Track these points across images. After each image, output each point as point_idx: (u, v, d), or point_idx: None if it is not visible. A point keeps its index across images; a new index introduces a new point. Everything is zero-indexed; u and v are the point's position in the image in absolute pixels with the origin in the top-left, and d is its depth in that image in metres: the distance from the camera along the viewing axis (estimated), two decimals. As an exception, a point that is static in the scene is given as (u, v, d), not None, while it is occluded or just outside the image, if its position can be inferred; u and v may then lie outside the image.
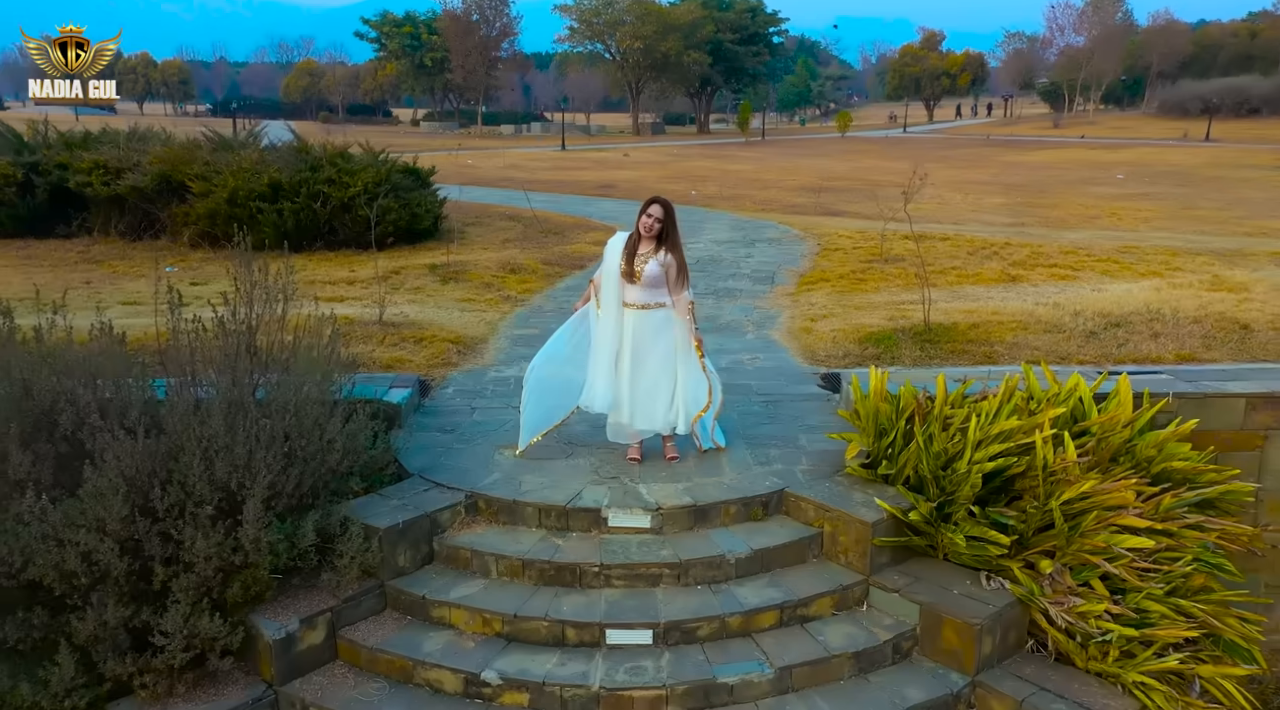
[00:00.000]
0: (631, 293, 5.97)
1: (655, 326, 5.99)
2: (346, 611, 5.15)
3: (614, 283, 5.99)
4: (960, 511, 5.33)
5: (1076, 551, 5.25)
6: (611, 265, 5.99)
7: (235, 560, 4.77)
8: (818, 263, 13.68)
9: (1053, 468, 5.40)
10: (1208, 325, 9.32)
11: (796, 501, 5.74)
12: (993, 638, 5.05)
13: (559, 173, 31.57)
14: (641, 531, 5.54)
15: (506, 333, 9.82)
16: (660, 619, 4.99)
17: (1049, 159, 40.67)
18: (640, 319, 5.98)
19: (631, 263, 5.91)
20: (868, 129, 77.49)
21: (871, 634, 5.13)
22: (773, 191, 25.45)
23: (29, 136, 16.60)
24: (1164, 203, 22.70)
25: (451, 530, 5.59)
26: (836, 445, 6.47)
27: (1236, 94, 64.58)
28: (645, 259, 5.90)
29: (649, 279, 5.90)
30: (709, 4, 72.91)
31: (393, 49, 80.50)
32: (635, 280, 5.92)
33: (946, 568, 5.49)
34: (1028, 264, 13.05)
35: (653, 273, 5.90)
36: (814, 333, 9.58)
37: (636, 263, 5.90)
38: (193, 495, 4.76)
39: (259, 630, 4.90)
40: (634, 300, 5.98)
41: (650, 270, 5.89)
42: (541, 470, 6.10)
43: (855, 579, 5.38)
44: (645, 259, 5.90)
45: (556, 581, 5.29)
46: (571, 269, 13.31)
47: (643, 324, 5.98)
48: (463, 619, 5.14)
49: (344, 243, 14.00)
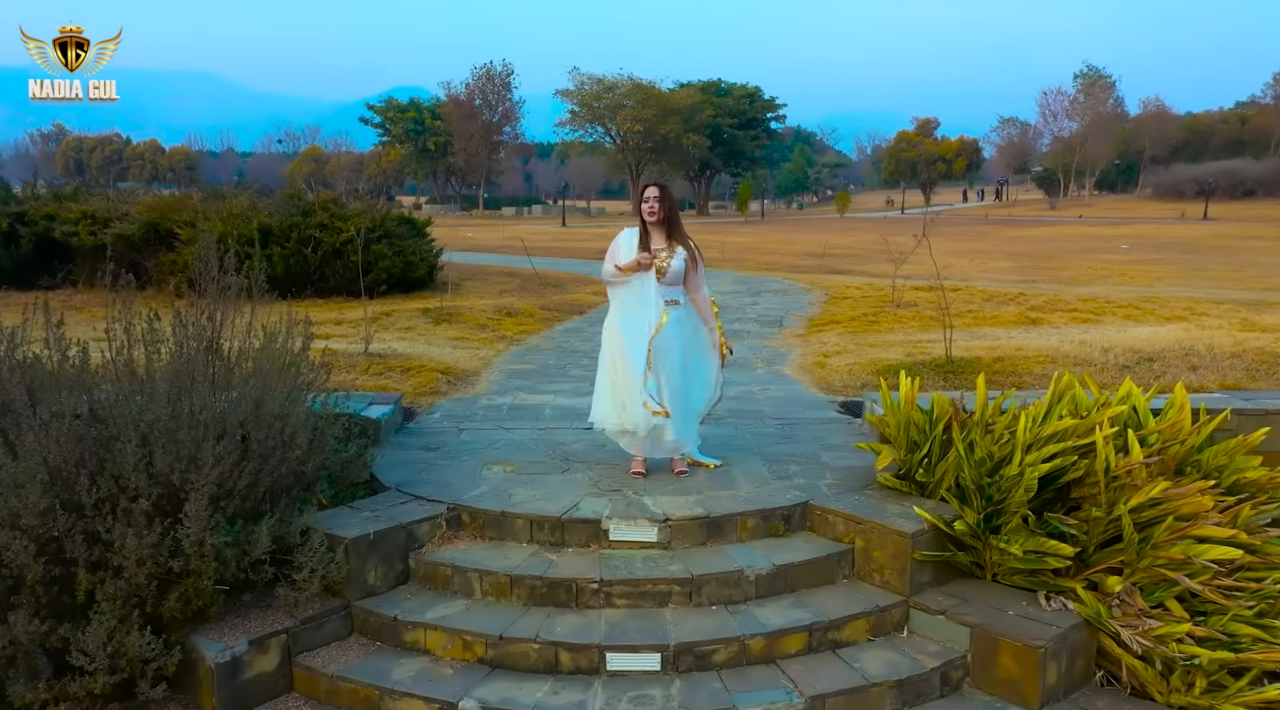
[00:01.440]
0: None
1: (676, 323, 5.41)
2: (305, 634, 4.43)
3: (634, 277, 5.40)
4: (1013, 520, 4.65)
5: (1149, 566, 4.55)
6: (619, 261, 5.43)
7: (174, 566, 4.08)
8: (826, 309, 13.15)
9: (1116, 472, 4.74)
10: (1248, 359, 8.73)
11: (822, 514, 5.06)
12: (1058, 665, 4.32)
13: (560, 242, 31.38)
14: (647, 546, 4.85)
15: (501, 367, 9.22)
16: (670, 640, 4.26)
17: (1050, 234, 40.57)
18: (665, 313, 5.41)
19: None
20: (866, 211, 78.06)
21: (915, 661, 4.39)
22: (775, 256, 25.14)
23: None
24: (1173, 266, 22.31)
25: (430, 545, 4.89)
26: (863, 461, 5.83)
27: (1231, 176, 65.17)
28: (666, 254, 5.36)
29: (673, 275, 5.37)
30: (708, 89, 74.30)
31: (396, 133, 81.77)
32: (660, 277, 5.37)
33: (996, 589, 4.78)
34: (1046, 309, 12.52)
35: (677, 268, 5.37)
36: (828, 367, 8.98)
37: (659, 258, 5.36)
38: (127, 489, 4.09)
39: (200, 652, 4.17)
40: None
41: (675, 266, 5.36)
42: (534, 483, 5.43)
43: (893, 600, 4.67)
44: (666, 254, 5.36)
45: (549, 600, 4.57)
46: (571, 314, 12.78)
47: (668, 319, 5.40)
48: (440, 643, 4.42)
49: (335, 290, 13.50)
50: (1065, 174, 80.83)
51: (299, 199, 13.88)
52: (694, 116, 70.02)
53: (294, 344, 5.26)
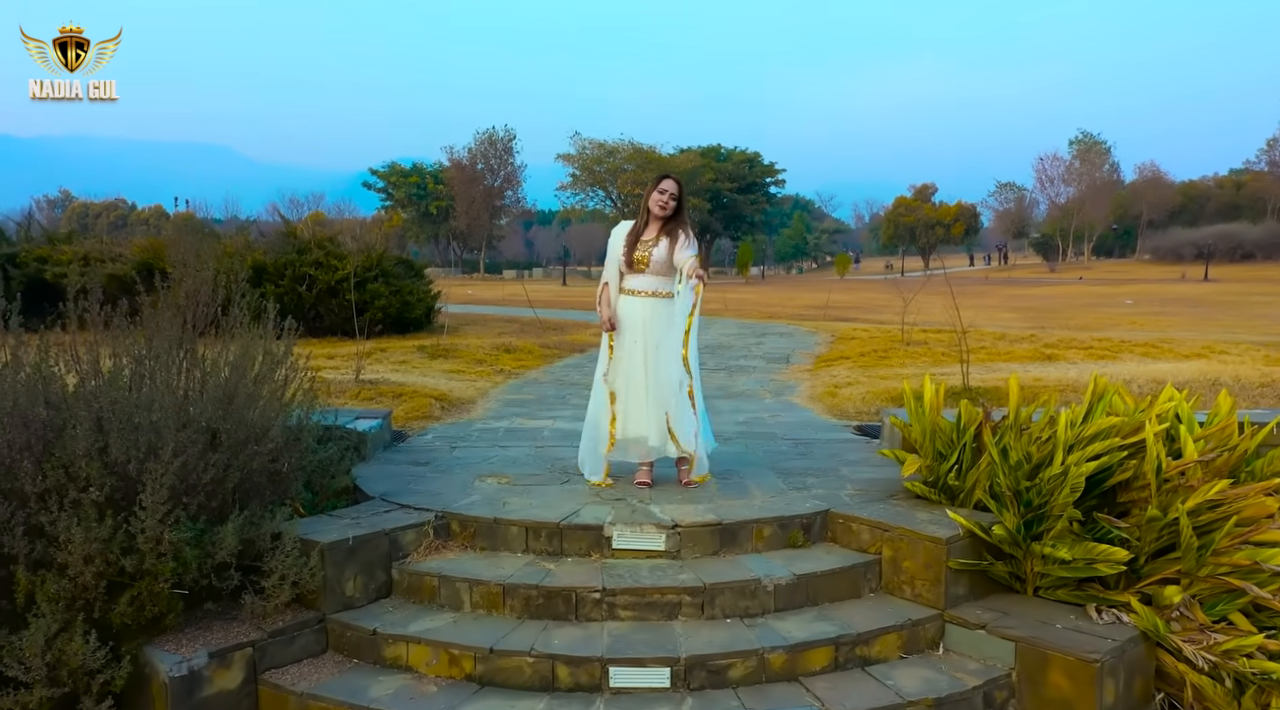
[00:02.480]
0: (639, 280, 5.10)
1: (670, 317, 5.05)
2: (274, 648, 3.97)
3: (615, 272, 5.11)
4: (1057, 525, 4.22)
5: (1210, 575, 4.11)
6: (617, 254, 5.12)
7: (126, 565, 3.64)
8: (834, 347, 12.79)
9: (1168, 473, 4.33)
10: (1279, 388, 8.35)
11: (846, 523, 4.63)
12: (1115, 682, 3.85)
13: (562, 297, 31.15)
14: (654, 555, 4.41)
15: (498, 396, 8.82)
16: (680, 653, 3.80)
17: (1052, 292, 40.43)
18: (654, 306, 5.06)
19: (634, 250, 5.06)
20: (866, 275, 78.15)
21: (955, 679, 3.93)
22: (777, 308, 24.87)
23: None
24: (1182, 317, 22.03)
25: (416, 555, 4.45)
26: (884, 474, 5.42)
27: (1229, 240, 65.17)
28: (650, 245, 5.06)
29: (656, 264, 5.04)
30: (708, 154, 74.95)
31: (399, 198, 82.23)
32: (644, 267, 5.05)
33: (1038, 604, 4.33)
34: (1060, 346, 12.16)
35: (659, 257, 5.06)
36: (839, 396, 8.58)
37: (641, 249, 5.05)
38: (77, 478, 3.68)
39: (153, 666, 3.71)
40: (642, 287, 5.09)
41: (656, 255, 5.05)
42: (531, 493, 5.01)
43: (927, 614, 4.21)
44: (650, 245, 5.06)
45: (546, 612, 4.12)
46: (572, 352, 12.41)
47: (656, 313, 5.04)
48: (423, 658, 3.95)
49: (329, 330, 13.14)
50: (1063, 239, 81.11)
51: (294, 237, 13.61)
52: (694, 180, 70.38)
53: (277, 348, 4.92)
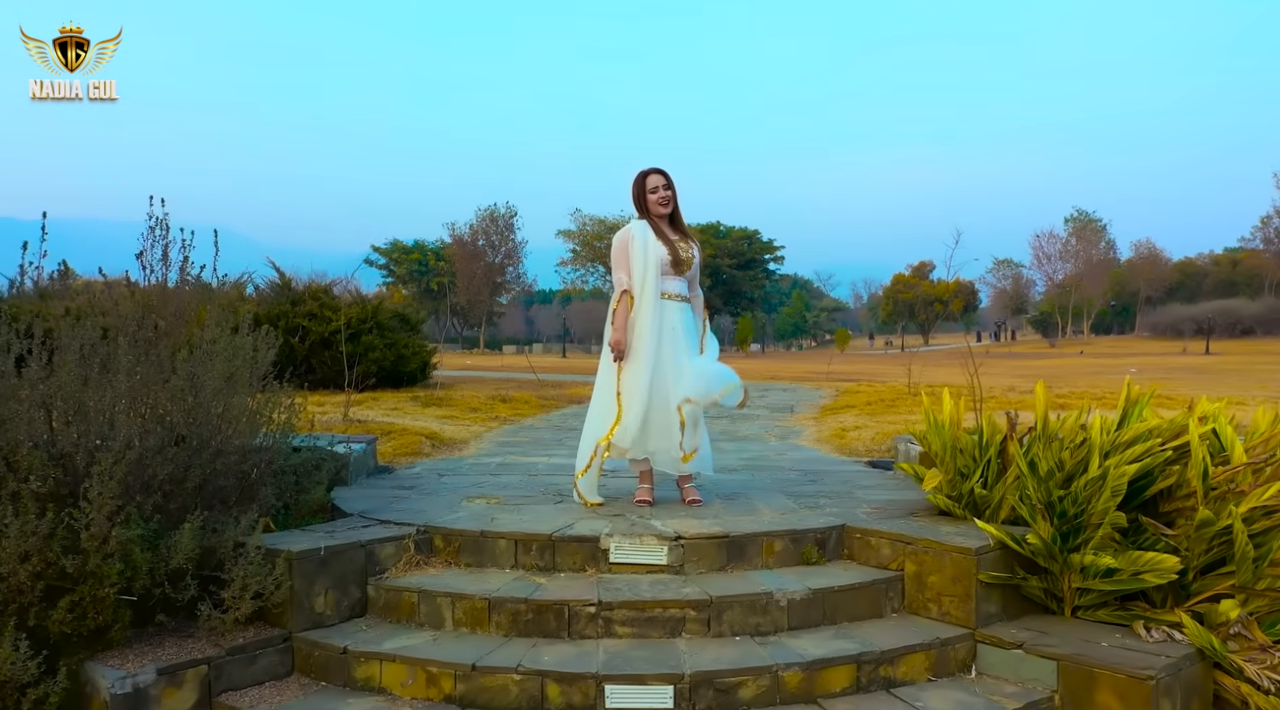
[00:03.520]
0: (675, 284, 4.80)
1: (690, 321, 4.81)
2: (232, 667, 3.56)
3: (655, 275, 4.70)
4: (1098, 533, 3.85)
5: (1268, 588, 3.74)
6: (654, 255, 4.71)
7: (67, 565, 3.27)
8: (840, 399, 12.46)
9: (1215, 479, 3.98)
10: (1305, 428, 7.99)
11: (864, 538, 4.25)
12: (1172, 703, 3.44)
13: (562, 366, 30.92)
14: (655, 569, 4.03)
15: (492, 439, 8.46)
16: (684, 670, 3.40)
17: (1055, 364, 40.15)
18: (680, 311, 4.78)
19: (676, 250, 4.77)
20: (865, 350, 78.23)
21: (991, 702, 3.51)
22: (779, 372, 24.57)
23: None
24: (1190, 383, 21.69)
25: (394, 570, 4.07)
26: (902, 496, 5.07)
27: (1228, 315, 65.32)
28: (683, 247, 4.83)
29: (694, 269, 4.87)
30: (707, 230, 75.57)
31: (400, 274, 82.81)
32: (684, 270, 4.80)
33: (1077, 624, 3.93)
34: (1073, 397, 11.83)
35: (697, 257, 4.87)
36: (847, 438, 8.24)
37: (682, 251, 4.79)
38: (17, 468, 3.33)
39: (94, 682, 3.31)
40: (677, 291, 4.81)
41: (696, 254, 4.87)
42: (521, 511, 4.64)
43: (956, 633, 3.81)
44: (683, 247, 4.83)
45: (536, 629, 3.72)
46: (570, 403, 12.08)
47: (680, 317, 4.76)
48: (399, 678, 3.54)
49: (322, 382, 12.79)
50: (1062, 316, 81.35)
51: (288, 288, 13.37)
52: (693, 257, 70.86)
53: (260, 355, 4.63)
